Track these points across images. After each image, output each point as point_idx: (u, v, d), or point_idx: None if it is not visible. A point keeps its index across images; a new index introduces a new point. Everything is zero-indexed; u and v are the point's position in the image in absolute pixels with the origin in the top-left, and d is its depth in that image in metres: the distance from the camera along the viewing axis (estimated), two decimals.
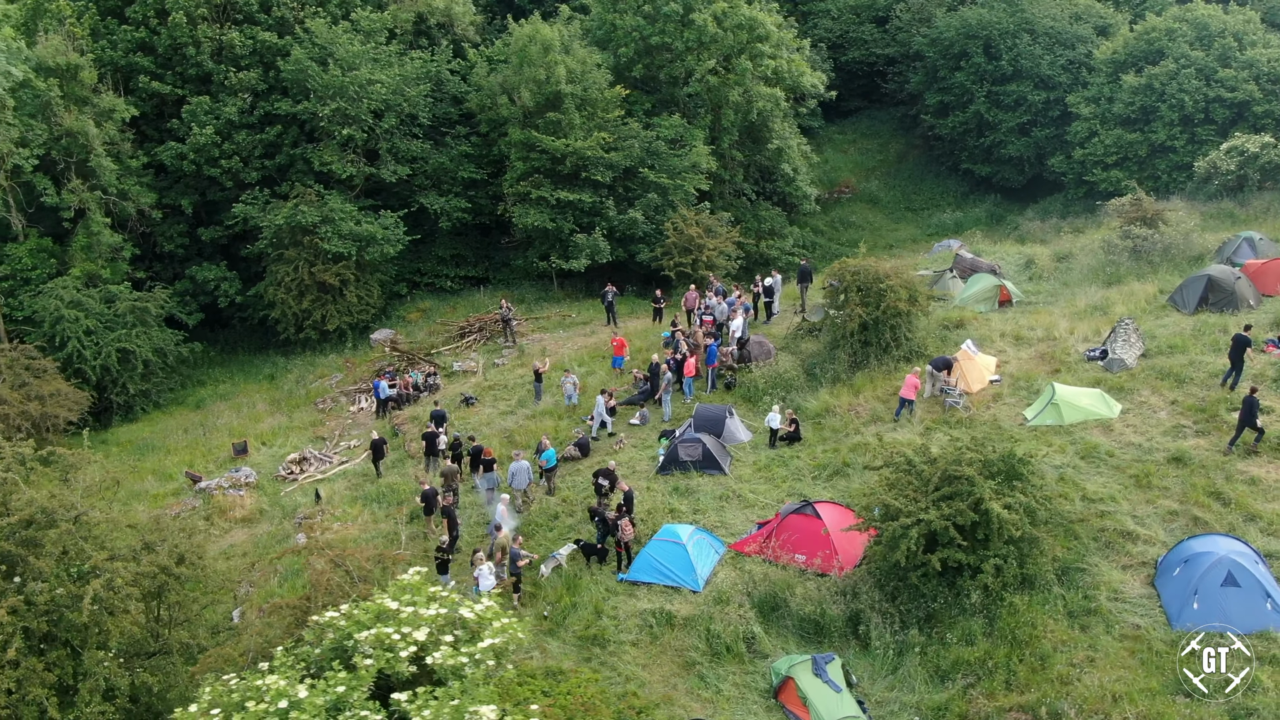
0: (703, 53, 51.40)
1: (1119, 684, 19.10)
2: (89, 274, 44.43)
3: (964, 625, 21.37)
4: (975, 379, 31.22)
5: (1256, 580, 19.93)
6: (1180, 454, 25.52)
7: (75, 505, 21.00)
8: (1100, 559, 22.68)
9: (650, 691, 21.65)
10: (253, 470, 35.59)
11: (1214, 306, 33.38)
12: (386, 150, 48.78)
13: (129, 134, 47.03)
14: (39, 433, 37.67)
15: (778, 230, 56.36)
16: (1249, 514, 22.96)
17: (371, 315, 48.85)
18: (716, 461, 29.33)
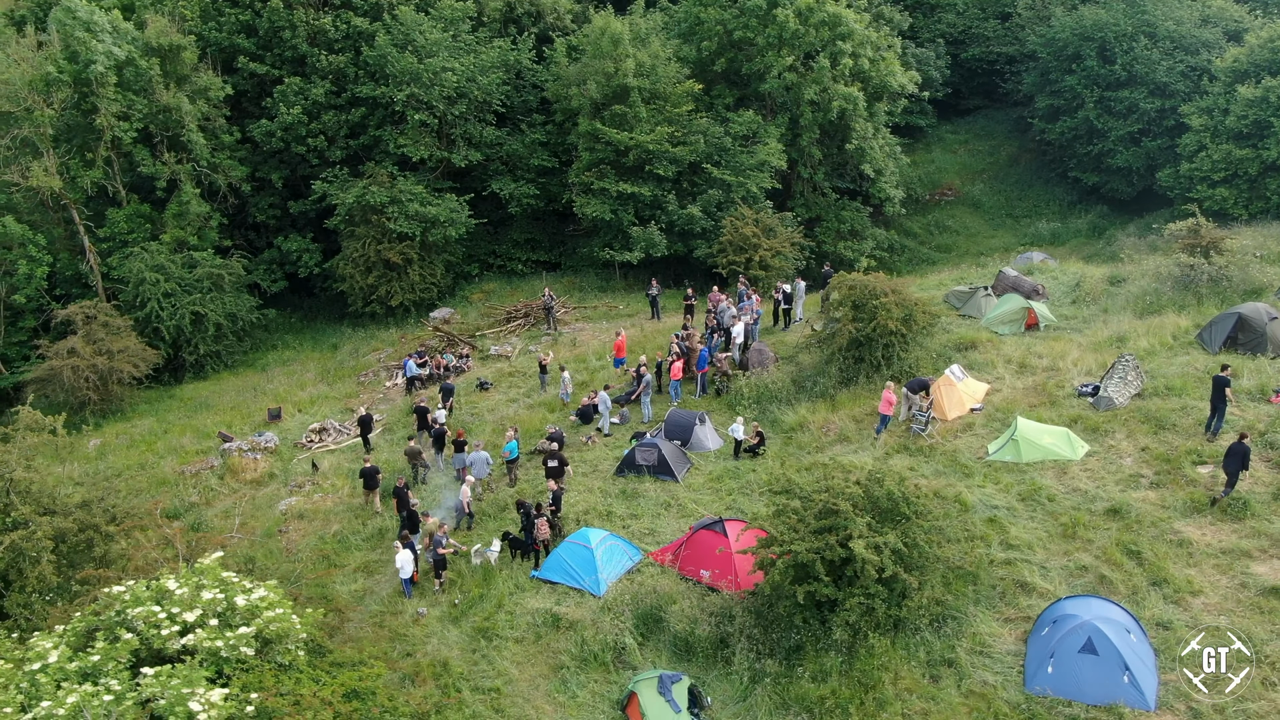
0: (784, 49, 50.76)
1: None
2: (178, 240, 48.05)
3: (821, 661, 21.04)
4: (953, 405, 30.19)
5: (1115, 650, 18.83)
6: (1120, 506, 24.12)
7: (11, 465, 23.11)
8: (984, 609, 21.82)
9: (513, 689, 22.36)
10: (275, 436, 37.90)
11: (1243, 348, 31.03)
12: (460, 135, 50.45)
13: (224, 110, 50.34)
14: (104, 384, 41.32)
15: (859, 231, 55.26)
16: (1158, 578, 21.59)
17: (436, 293, 50.83)
18: (670, 468, 29.51)
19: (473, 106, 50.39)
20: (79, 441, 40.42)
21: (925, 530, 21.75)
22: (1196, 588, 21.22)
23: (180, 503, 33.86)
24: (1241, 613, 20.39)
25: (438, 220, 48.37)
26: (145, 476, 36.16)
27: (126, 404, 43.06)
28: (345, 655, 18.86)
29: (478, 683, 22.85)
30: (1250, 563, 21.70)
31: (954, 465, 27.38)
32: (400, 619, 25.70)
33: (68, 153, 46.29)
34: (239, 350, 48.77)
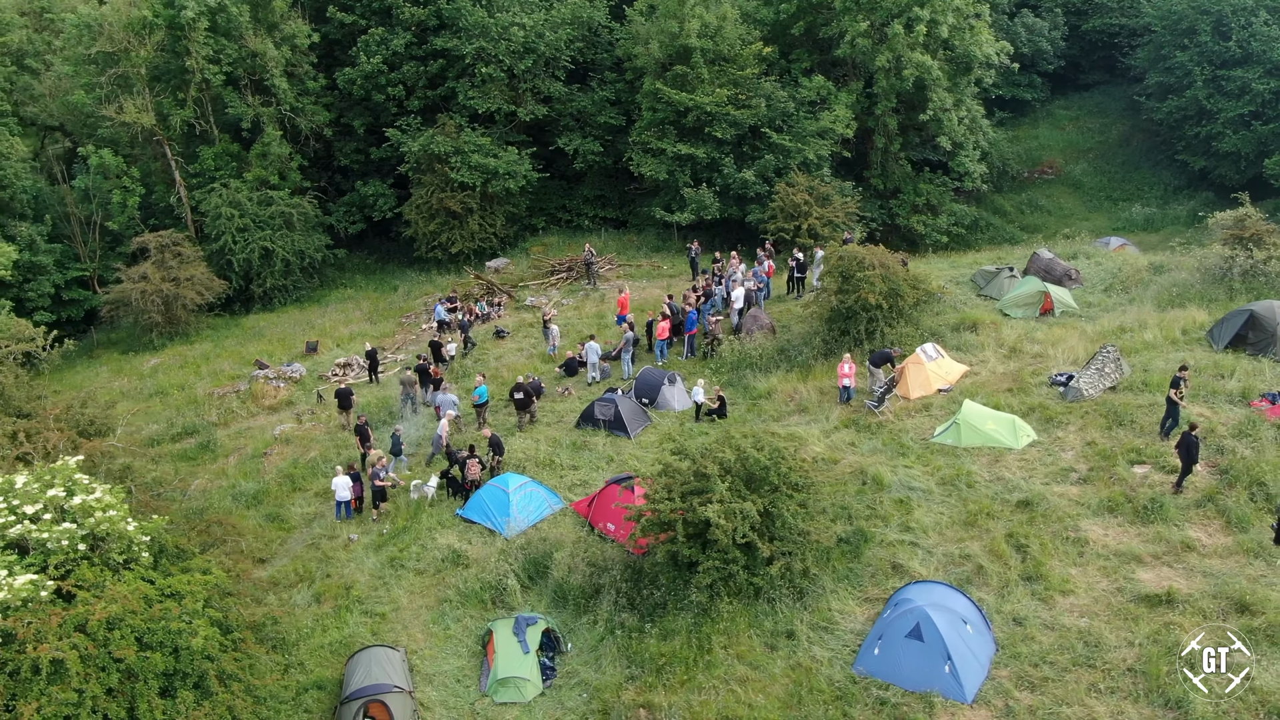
0: (860, 13, 49.43)
1: (740, 708, 18.55)
2: (260, 179, 51.00)
3: (675, 620, 21.25)
4: (918, 385, 29.39)
5: (941, 639, 18.32)
6: (1034, 499, 23.16)
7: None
8: (850, 586, 21.48)
9: (397, 616, 23.51)
10: (303, 367, 40.13)
11: (1252, 347, 28.94)
12: (528, 90, 51.42)
13: (311, 57, 52.82)
14: (169, 309, 44.55)
15: (936, 206, 53.53)
16: (1033, 574, 20.73)
17: (496, 243, 52.24)
18: (625, 425, 29.90)
19: (541, 62, 51.16)
20: (139, 359, 43.90)
21: (796, 502, 21.55)
22: (1070, 587, 20.30)
23: (199, 420, 36.46)
24: (1106, 617, 19.43)
25: (497, 172, 49.56)
26: (182, 396, 39.08)
27: (191, 328, 46.28)
28: (199, 563, 20.12)
29: (370, 607, 24.10)
30: (1138, 568, 20.58)
31: (894, 444, 26.74)
32: (335, 543, 27.21)
33: (161, 92, 49.67)
34: (307, 286, 51.46)
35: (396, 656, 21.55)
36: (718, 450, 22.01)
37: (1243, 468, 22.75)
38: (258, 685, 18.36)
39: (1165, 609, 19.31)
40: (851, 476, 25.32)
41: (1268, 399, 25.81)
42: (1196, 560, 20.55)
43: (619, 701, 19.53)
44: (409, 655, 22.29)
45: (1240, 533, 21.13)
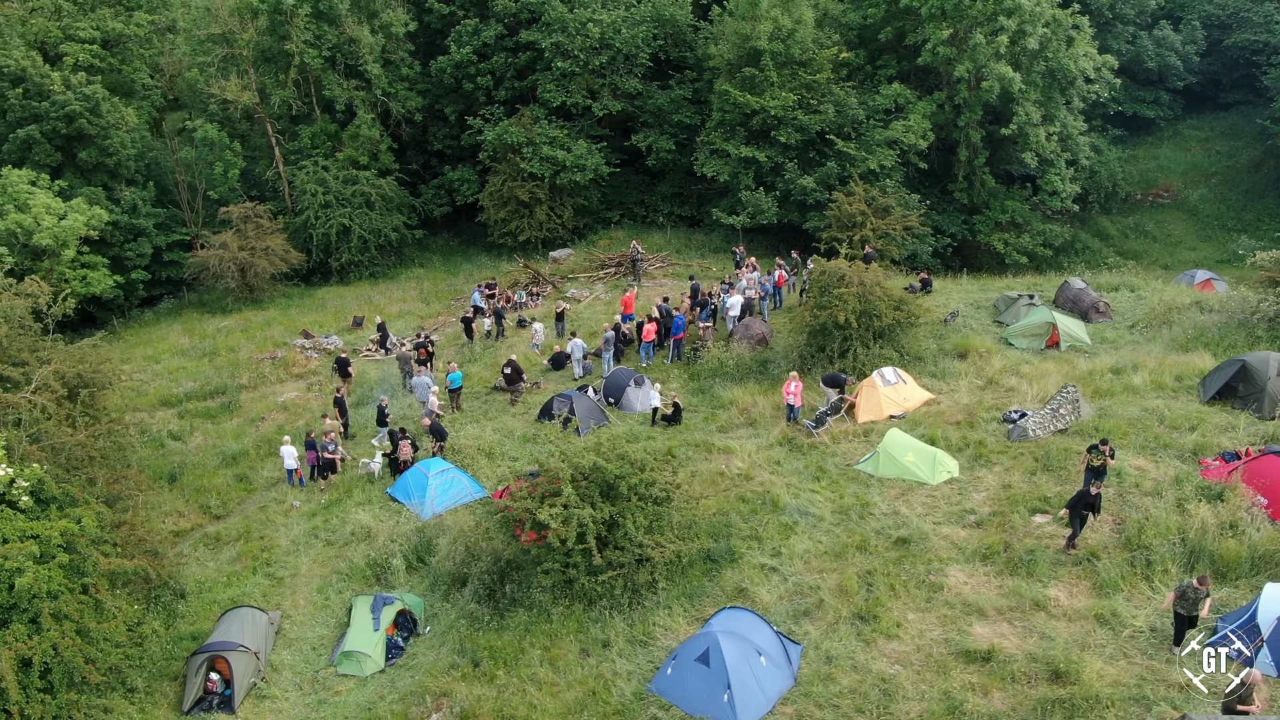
0: (944, 21, 47.78)
1: (523, 708, 18.88)
2: (351, 159, 53.81)
3: (517, 615, 21.72)
4: (869, 409, 28.64)
5: (725, 667, 18.04)
6: (914, 537, 22.37)
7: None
8: (689, 603, 21.37)
9: (292, 582, 24.93)
10: (339, 339, 42.38)
11: (1240, 401, 26.82)
12: (604, 85, 52.16)
13: (408, 45, 55.16)
14: (244, 276, 47.78)
15: (1021, 224, 51.27)
16: (868, 614, 20.05)
17: (565, 234, 53.34)
18: (579, 424, 30.38)
19: (620, 58, 51.74)
20: (212, 321, 47.33)
21: (645, 515, 21.59)
22: (898, 632, 19.55)
23: (230, 382, 39.15)
24: (918, 666, 18.66)
25: (565, 164, 50.57)
26: (228, 358, 41.99)
27: (264, 295, 49.42)
28: (82, 511, 21.81)
29: (274, 571, 25.66)
30: (977, 621, 19.61)
31: (815, 467, 26.21)
32: (282, 507, 28.97)
33: (265, 73, 53.07)
34: (384, 263, 53.91)
35: (263, 619, 22.91)
36: (576, 456, 22.25)
37: (1138, 529, 21.23)
38: (95, 628, 19.94)
39: (978, 666, 18.40)
40: (755, 495, 25.01)
41: (1222, 458, 23.89)
42: (1042, 620, 19.41)
43: (430, 687, 20.19)
44: (283, 620, 23.65)
45: (1102, 597, 19.80)
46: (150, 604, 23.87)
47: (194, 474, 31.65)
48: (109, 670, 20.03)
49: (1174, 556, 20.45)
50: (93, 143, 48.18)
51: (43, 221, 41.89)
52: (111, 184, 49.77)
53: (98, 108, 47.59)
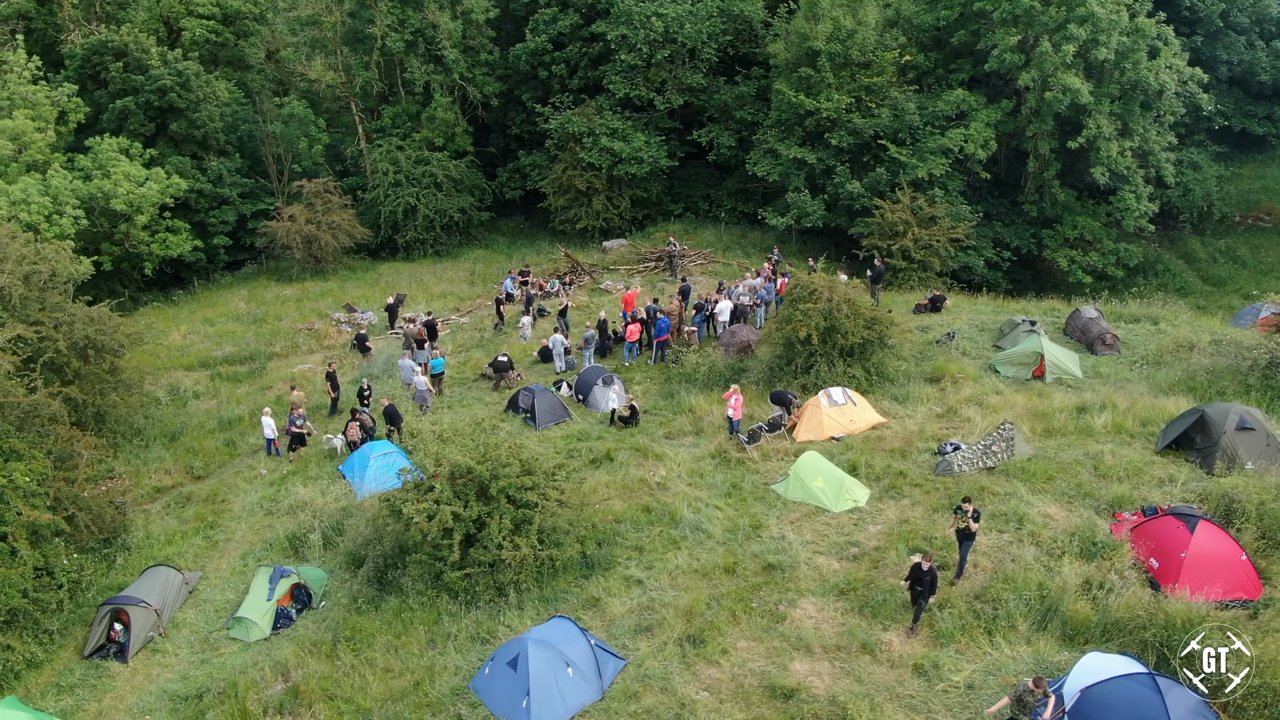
0: (1014, 27, 45.98)
1: (349, 689, 19.94)
2: (428, 140, 55.89)
3: (389, 601, 22.77)
4: (809, 429, 28.39)
5: (528, 675, 18.61)
6: (784, 564, 22.30)
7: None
8: (543, 606, 21.95)
9: (224, 548, 26.77)
10: (374, 315, 44.37)
11: (1196, 453, 25.46)
12: (668, 79, 52.38)
13: (489, 31, 56.63)
14: (308, 248, 50.51)
15: (1091, 242, 48.98)
16: (700, 637, 20.18)
17: (622, 224, 53.98)
18: (535, 416, 31.27)
19: (684, 52, 51.82)
20: (275, 288, 50.21)
21: (512, 518, 22.26)
22: (721, 659, 19.66)
23: (264, 349, 41.67)
24: (726, 694, 18.78)
25: (622, 156, 51.16)
26: (273, 326, 44.62)
27: (329, 267, 52.03)
28: (15, 466, 24.00)
29: (213, 535, 27.61)
30: (800, 656, 19.51)
31: (729, 483, 26.28)
32: (251, 475, 30.97)
33: (351, 54, 55.58)
34: (448, 243, 55.78)
35: (178, 579, 24.76)
36: (455, 456, 23.08)
37: (1001, 581, 20.60)
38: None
39: (778, 702, 18.38)
40: (660, 506, 25.31)
41: (1141, 513, 22.80)
42: (864, 664, 19.16)
43: (286, 660, 21.51)
44: (201, 582, 25.46)
45: (934, 647, 19.37)
46: (95, 555, 26.12)
47: (192, 435, 34.03)
48: (9, 612, 22.09)
49: (1024, 613, 19.78)
50: (182, 115, 51.63)
51: (120, 188, 45.29)
52: (201, 154, 53.22)
53: (188, 83, 50.93)
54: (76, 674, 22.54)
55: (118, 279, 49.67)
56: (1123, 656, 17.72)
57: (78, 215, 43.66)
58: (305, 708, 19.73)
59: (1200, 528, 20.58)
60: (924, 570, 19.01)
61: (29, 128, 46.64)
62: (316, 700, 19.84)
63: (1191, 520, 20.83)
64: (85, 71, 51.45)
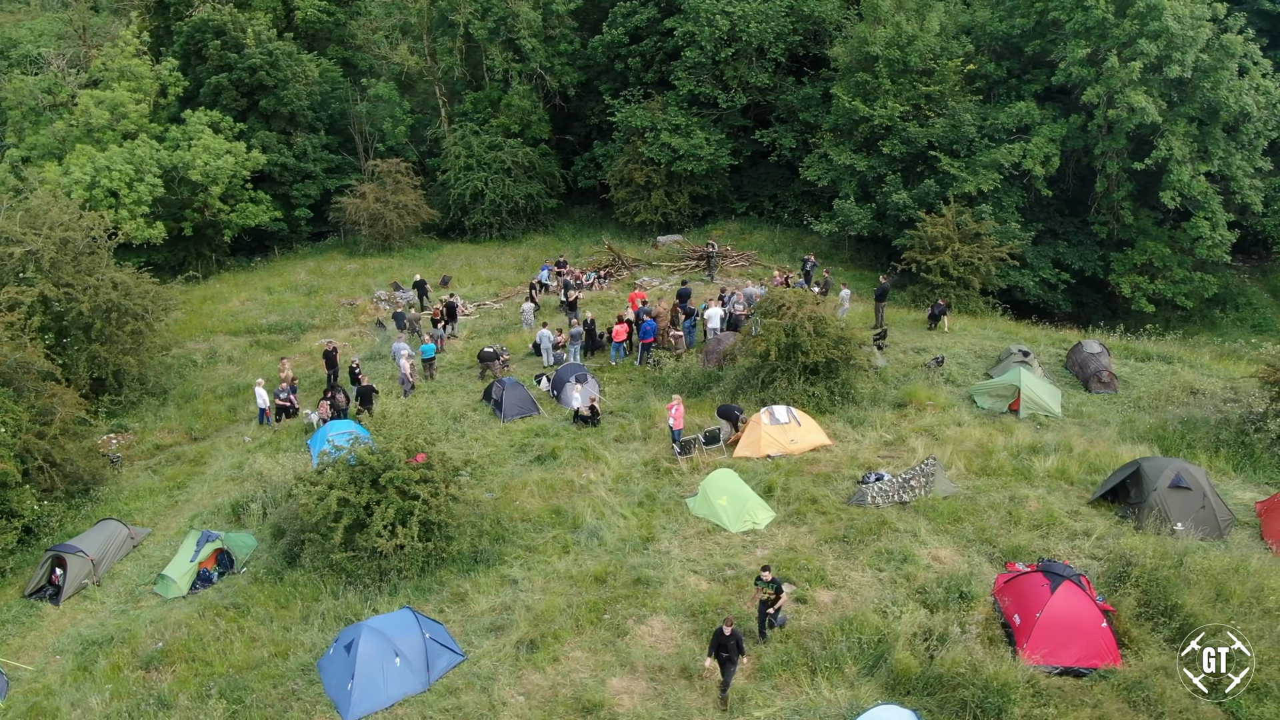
0: (1085, 39, 43.87)
1: (209, 654, 21.36)
2: (504, 127, 57.42)
3: (293, 574, 24.09)
4: (747, 445, 28.33)
5: (355, 659, 19.52)
6: (653, 580, 22.53)
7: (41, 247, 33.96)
8: (414, 595, 22.86)
9: (179, 508, 28.79)
10: (413, 295, 46.10)
11: (1127, 507, 24.39)
12: (733, 77, 52.16)
13: (570, 22, 57.51)
14: (373, 224, 52.90)
15: (1158, 269, 46.40)
16: (539, 643, 20.71)
17: (681, 219, 54.21)
18: (502, 409, 32.23)
19: (750, 50, 51.45)
20: (340, 262, 52.76)
21: (395, 508, 23.19)
22: (550, 666, 20.15)
23: (306, 319, 44.05)
24: (538, 702, 19.27)
25: (680, 152, 51.36)
26: (321, 299, 47.04)
27: (395, 244, 54.23)
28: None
29: (177, 495, 29.66)
30: (623, 674, 19.79)
31: (646, 493, 26.59)
32: (238, 440, 33.08)
33: (436, 39, 57.52)
34: (514, 227, 57.19)
35: (123, 533, 26.85)
36: (358, 448, 24.17)
37: (840, 621, 20.34)
38: None
39: (580, 715, 18.80)
40: (570, 509, 25.88)
41: (1035, 565, 22.04)
42: (678, 688, 19.31)
43: (178, 619, 23.14)
44: (149, 538, 27.49)
45: (752, 680, 19.35)
46: (65, 504, 28.59)
47: (205, 399, 36.42)
48: None
49: (856, 656, 19.51)
50: (271, 92, 54.67)
51: (198, 159, 48.47)
52: (289, 129, 56.22)
53: (277, 62, 53.88)
54: (13, 610, 24.85)
55: (205, 243, 53.18)
56: (909, 713, 17.36)
57: (155, 184, 46.96)
58: (167, 665, 21.25)
59: (1062, 589, 19.77)
60: (727, 635, 18.66)
61: (127, 99, 50.37)
62: (179, 660, 21.34)
63: (1056, 579, 20.03)
64: (189, 48, 55.08)
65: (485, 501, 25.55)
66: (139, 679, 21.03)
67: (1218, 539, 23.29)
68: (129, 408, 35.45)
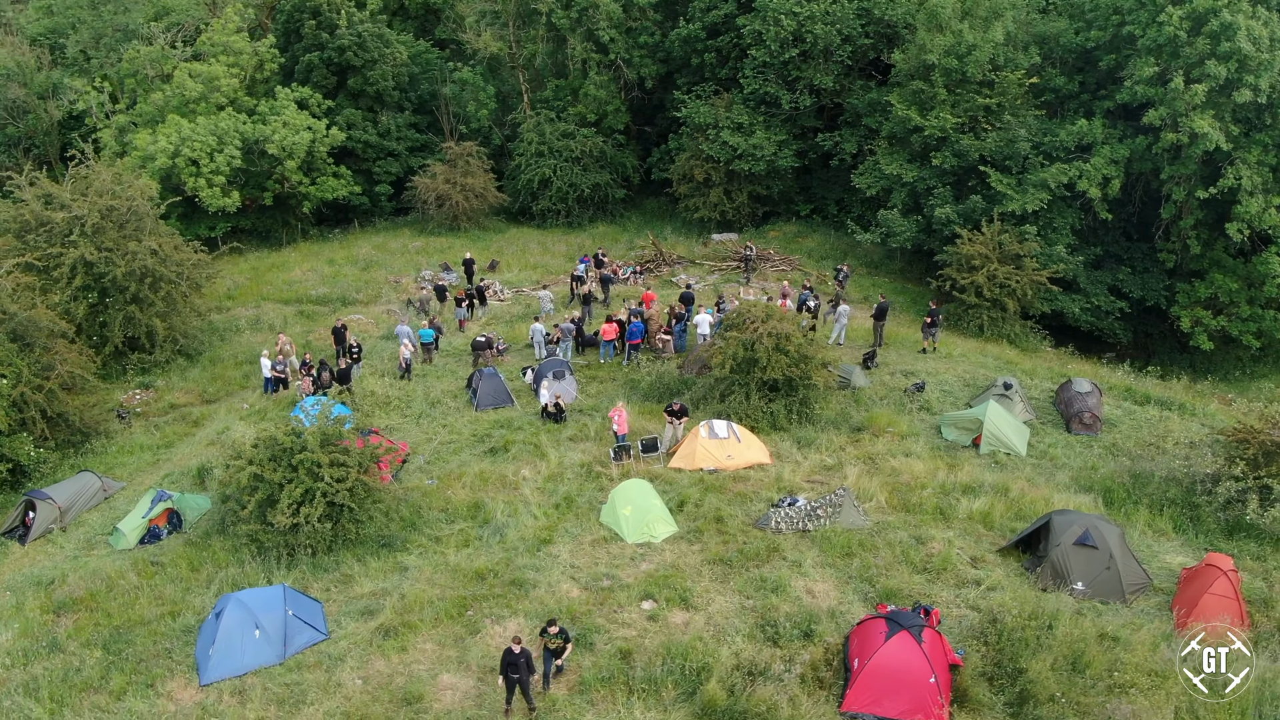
0: (1157, 55, 41.55)
1: (113, 607, 23.20)
2: (580, 115, 58.38)
3: (225, 539, 25.76)
4: (684, 456, 28.59)
5: (218, 627, 20.99)
6: (526, 583, 23.14)
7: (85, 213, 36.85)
8: (304, 572, 24.16)
9: (162, 465, 31.01)
10: (457, 276, 47.64)
11: (1032, 561, 23.67)
12: (799, 78, 51.49)
13: (654, 15, 57.78)
14: (439, 206, 54.88)
15: (1226, 305, 43.71)
16: (395, 631, 21.71)
17: (740, 219, 54.03)
18: (475, 398, 33.33)
19: (817, 51, 50.65)
20: (405, 239, 54.88)
21: (302, 488, 24.53)
22: (396, 655, 21.07)
23: (351, 293, 46.26)
24: (370, 684, 20.19)
25: (739, 151, 51.19)
26: (372, 274, 49.17)
27: (461, 225, 55.98)
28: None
29: (160, 454, 31.94)
30: (455, 671, 20.55)
31: (566, 495, 27.16)
32: (240, 405, 35.30)
33: (520, 28, 58.84)
34: (581, 215, 58.10)
35: (96, 485, 29.24)
36: (281, 434, 25.59)
37: (668, 645, 20.52)
38: None
39: (398, 706, 19.63)
40: (487, 504, 26.77)
41: (923, 609, 21.62)
42: (499, 694, 19.94)
43: (110, 569, 25.17)
44: (122, 491, 29.78)
45: (575, 692, 19.81)
46: (60, 453, 31.26)
47: (225, 364, 38.84)
48: None
49: (674, 681, 19.72)
50: (359, 72, 57.13)
51: (276, 134, 51.29)
52: (375, 108, 58.68)
53: (365, 43, 56.27)
54: None
55: (290, 212, 56.27)
56: None
57: (234, 155, 49.96)
58: (74, 612, 23.23)
59: (896, 638, 19.42)
60: (516, 654, 19.01)
61: (221, 73, 53.63)
62: (86, 608, 23.28)
63: (895, 628, 19.68)
64: (289, 26, 58.04)
65: (423, 489, 26.64)
66: (47, 621, 23.04)
67: (1120, 602, 22.27)
68: (159, 367, 38.14)
